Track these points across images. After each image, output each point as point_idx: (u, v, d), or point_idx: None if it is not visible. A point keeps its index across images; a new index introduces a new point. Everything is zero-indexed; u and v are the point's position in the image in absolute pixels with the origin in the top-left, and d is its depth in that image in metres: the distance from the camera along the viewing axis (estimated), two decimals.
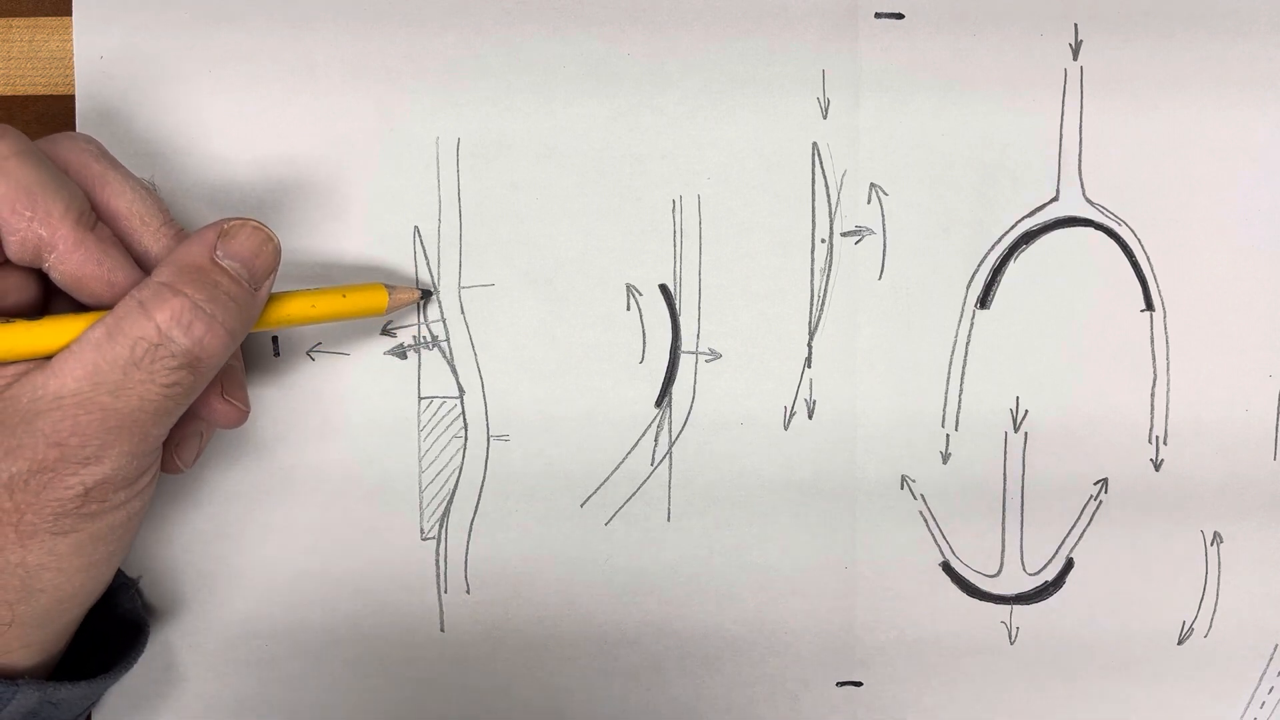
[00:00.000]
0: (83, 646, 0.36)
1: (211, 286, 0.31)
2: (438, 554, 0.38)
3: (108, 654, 0.36)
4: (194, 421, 0.34)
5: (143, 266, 0.32)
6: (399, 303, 0.36)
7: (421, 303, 0.38)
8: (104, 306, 0.31)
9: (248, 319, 0.32)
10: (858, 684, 0.39)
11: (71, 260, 0.30)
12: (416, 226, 0.38)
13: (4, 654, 0.31)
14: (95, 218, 0.31)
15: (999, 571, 0.39)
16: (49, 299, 0.33)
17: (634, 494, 0.38)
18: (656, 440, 0.38)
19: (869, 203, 0.38)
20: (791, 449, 0.38)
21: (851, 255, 0.38)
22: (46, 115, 0.38)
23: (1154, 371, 0.38)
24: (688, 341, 0.38)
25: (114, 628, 0.36)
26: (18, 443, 0.29)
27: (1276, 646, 0.39)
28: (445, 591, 0.38)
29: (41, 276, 0.32)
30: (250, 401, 0.37)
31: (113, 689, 0.38)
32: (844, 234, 0.38)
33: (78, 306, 0.32)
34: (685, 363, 0.38)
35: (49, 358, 0.30)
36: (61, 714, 0.33)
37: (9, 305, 0.32)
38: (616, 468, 0.38)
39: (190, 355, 0.30)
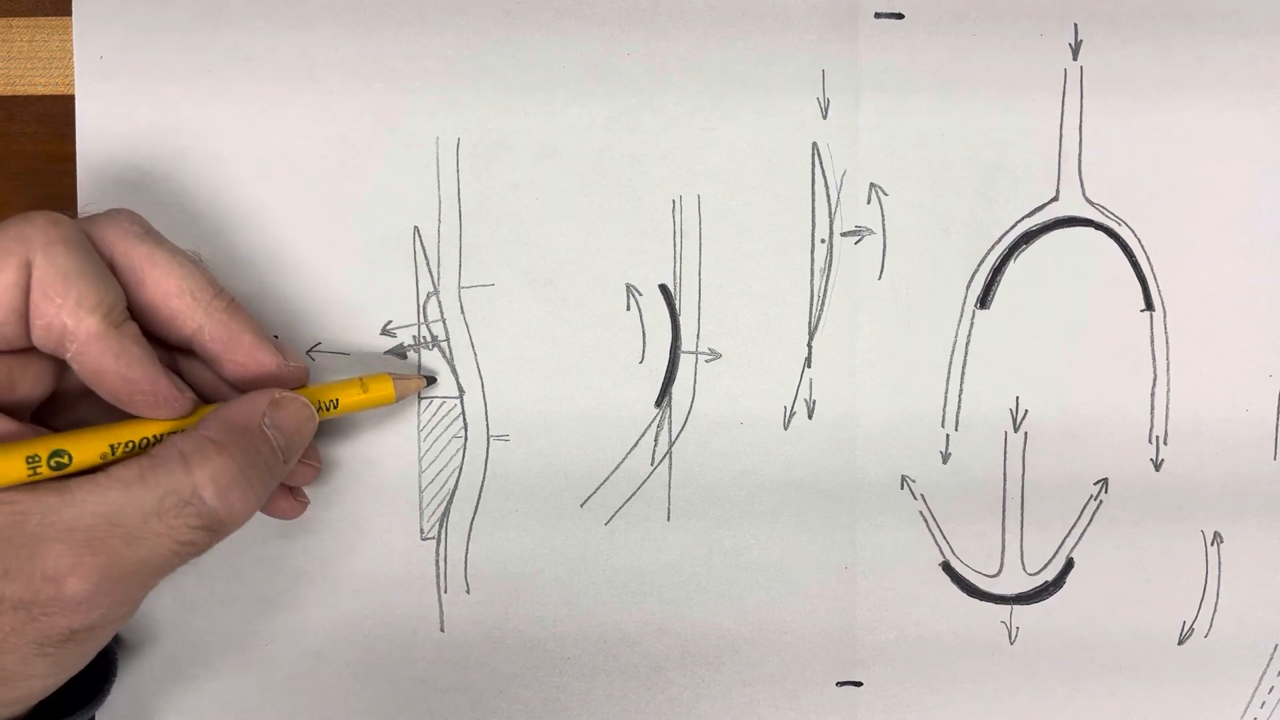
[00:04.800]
0: None
1: (254, 453, 0.31)
2: (438, 554, 0.38)
3: (80, 685, 0.35)
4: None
5: (197, 343, 0.32)
6: (405, 391, 0.36)
7: (427, 389, 0.38)
8: (120, 403, 0.31)
9: (272, 489, 0.32)
10: (858, 684, 0.39)
11: (90, 353, 0.30)
12: (416, 226, 0.38)
13: None
14: (125, 315, 0.31)
15: (999, 571, 0.39)
16: (58, 399, 0.33)
17: (634, 494, 0.38)
18: (656, 440, 0.38)
19: (869, 203, 0.38)
20: (791, 449, 0.38)
21: (851, 255, 0.38)
22: (46, 115, 0.38)
23: (1154, 371, 0.38)
24: (688, 341, 0.38)
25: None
26: (16, 565, 0.28)
27: (1276, 646, 0.39)
28: (445, 591, 0.38)
29: (57, 372, 0.32)
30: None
31: (114, 689, 0.38)
32: (844, 234, 0.38)
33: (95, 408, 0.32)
34: (685, 363, 0.38)
35: (65, 477, 0.29)
36: None
37: (20, 395, 0.31)
38: (616, 468, 0.38)
39: (215, 518, 0.30)
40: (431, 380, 0.38)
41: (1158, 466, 0.38)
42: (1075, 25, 0.38)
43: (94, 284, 0.30)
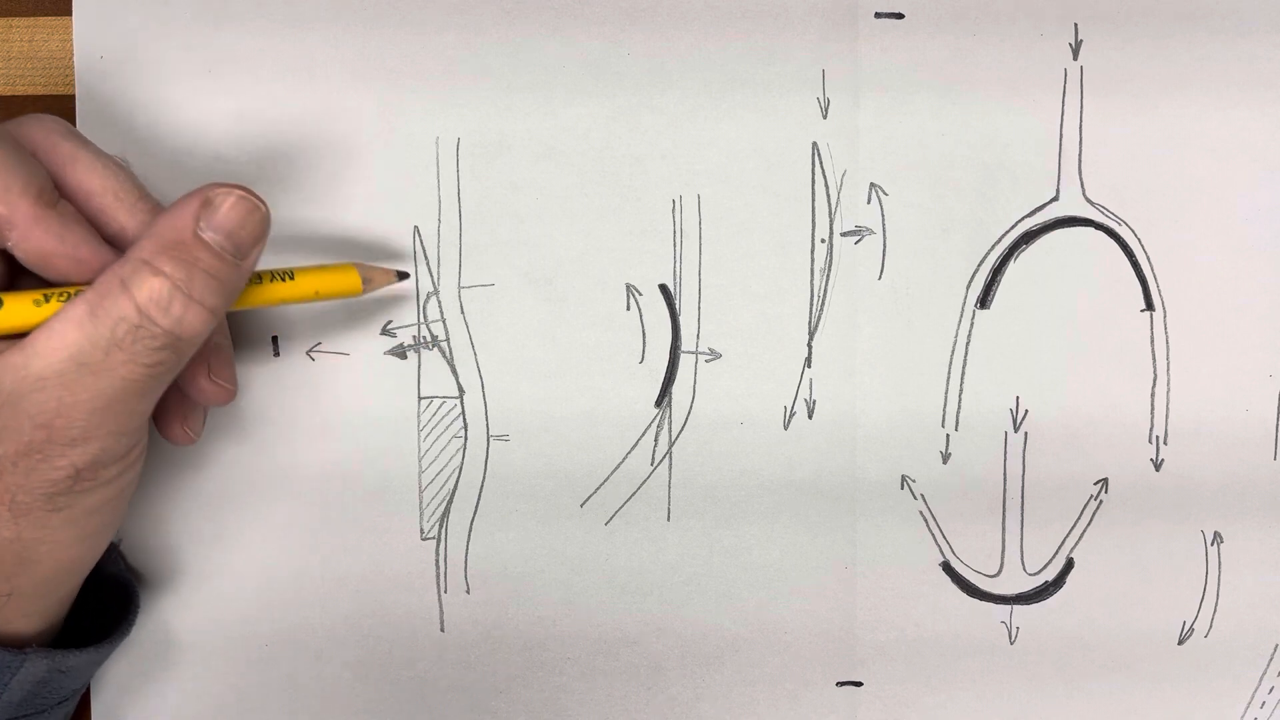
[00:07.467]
0: (75, 613, 0.36)
1: (190, 265, 0.29)
2: (438, 554, 0.38)
3: (102, 619, 0.36)
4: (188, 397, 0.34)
5: (119, 245, 0.31)
6: (374, 284, 0.35)
7: (402, 282, 0.37)
8: (72, 282, 0.31)
9: (231, 291, 0.31)
10: (858, 684, 0.39)
11: (33, 238, 0.30)
12: (416, 226, 0.38)
13: (6, 624, 0.31)
14: (56, 195, 0.30)
15: (999, 571, 0.39)
16: (14, 278, 0.33)
17: (634, 494, 0.38)
18: (656, 440, 0.38)
19: (869, 203, 0.38)
20: (791, 449, 0.38)
21: (851, 255, 0.38)
22: None
23: (1154, 371, 0.38)
24: (688, 341, 0.38)
25: (102, 592, 0.36)
26: (2, 425, 0.29)
27: (1276, 646, 0.39)
28: (445, 591, 0.38)
29: (7, 259, 0.32)
30: (248, 396, 0.37)
31: (112, 686, 0.38)
32: (844, 234, 0.38)
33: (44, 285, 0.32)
34: (685, 363, 0.38)
35: (20, 335, 0.29)
36: (70, 682, 0.34)
37: None
38: (616, 468, 0.38)
39: (171, 336, 0.29)
40: (403, 276, 0.37)
41: (1158, 466, 0.38)
42: (1075, 25, 0.38)
43: (17, 167, 0.29)
